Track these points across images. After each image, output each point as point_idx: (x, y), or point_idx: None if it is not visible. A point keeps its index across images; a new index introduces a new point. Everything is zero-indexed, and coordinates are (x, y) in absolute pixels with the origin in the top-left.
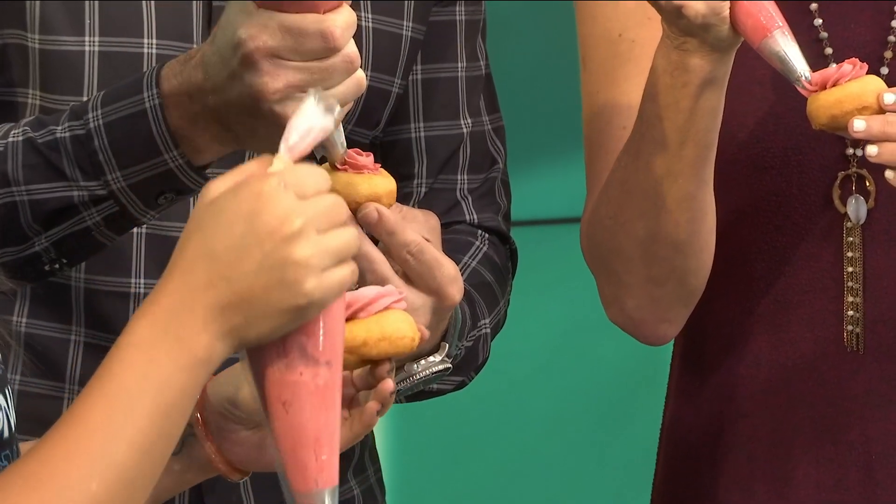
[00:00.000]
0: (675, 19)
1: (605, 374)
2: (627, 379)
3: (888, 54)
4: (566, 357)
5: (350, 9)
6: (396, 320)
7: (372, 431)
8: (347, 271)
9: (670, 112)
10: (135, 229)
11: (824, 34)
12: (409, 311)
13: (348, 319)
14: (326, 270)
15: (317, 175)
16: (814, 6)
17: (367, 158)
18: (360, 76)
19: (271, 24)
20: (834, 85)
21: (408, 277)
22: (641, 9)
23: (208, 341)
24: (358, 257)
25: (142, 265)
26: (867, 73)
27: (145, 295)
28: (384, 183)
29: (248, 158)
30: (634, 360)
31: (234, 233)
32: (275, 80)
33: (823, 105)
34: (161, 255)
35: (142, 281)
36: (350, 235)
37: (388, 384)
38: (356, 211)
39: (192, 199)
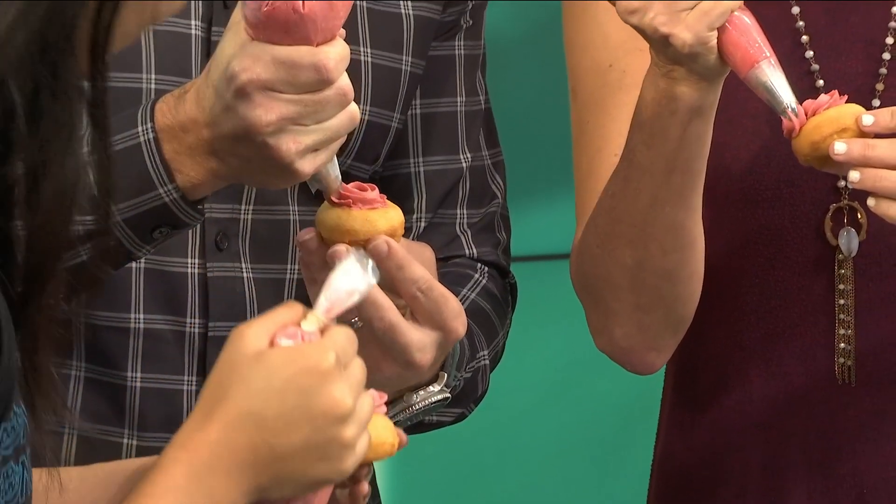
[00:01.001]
0: (662, 48)
1: (604, 410)
2: (626, 414)
3: (880, 86)
4: (565, 392)
5: (344, 42)
6: (378, 426)
7: (372, 465)
8: (367, 440)
9: (658, 140)
10: (133, 264)
11: (816, 66)
12: (415, 349)
13: None
14: (359, 443)
15: (352, 339)
16: (805, 38)
17: (374, 192)
18: (354, 109)
19: (265, 57)
20: (813, 115)
21: (412, 314)
22: (632, 40)
23: (236, 498)
24: (365, 305)
25: (141, 300)
26: (857, 105)
27: (144, 330)
28: (397, 216)
29: (247, 192)
30: (633, 395)
31: (286, 403)
32: (268, 112)
33: (803, 133)
34: (160, 289)
35: (141, 316)
36: (370, 399)
37: (364, 487)
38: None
39: (189, 235)
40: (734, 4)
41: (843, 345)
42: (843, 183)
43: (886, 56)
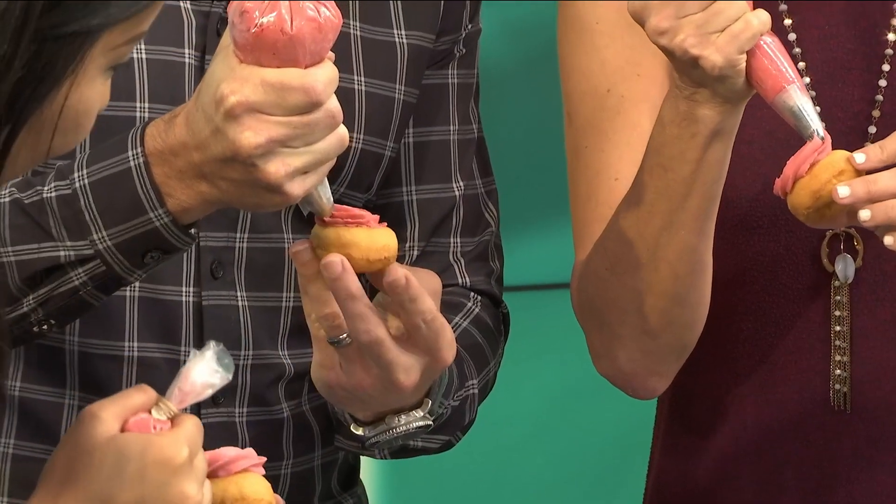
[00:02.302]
0: (689, 69)
1: (597, 440)
2: (619, 444)
3: (876, 113)
4: (558, 422)
5: (332, 64)
6: (255, 483)
7: (366, 495)
8: None
9: (676, 163)
10: (127, 293)
11: (813, 93)
12: (400, 368)
13: (208, 477)
14: None
15: (200, 428)
16: (802, 64)
17: (367, 214)
18: (343, 132)
19: (254, 80)
20: (809, 169)
21: (403, 335)
22: (630, 65)
23: None
24: (353, 317)
25: (135, 328)
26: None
27: (138, 359)
28: (392, 236)
29: (242, 221)
30: (627, 425)
31: (135, 492)
32: (257, 134)
33: (800, 186)
34: (154, 318)
35: (135, 344)
36: (210, 491)
37: None
38: (371, 265)
39: (184, 263)
40: (764, 28)
41: (838, 372)
42: None
43: (882, 83)
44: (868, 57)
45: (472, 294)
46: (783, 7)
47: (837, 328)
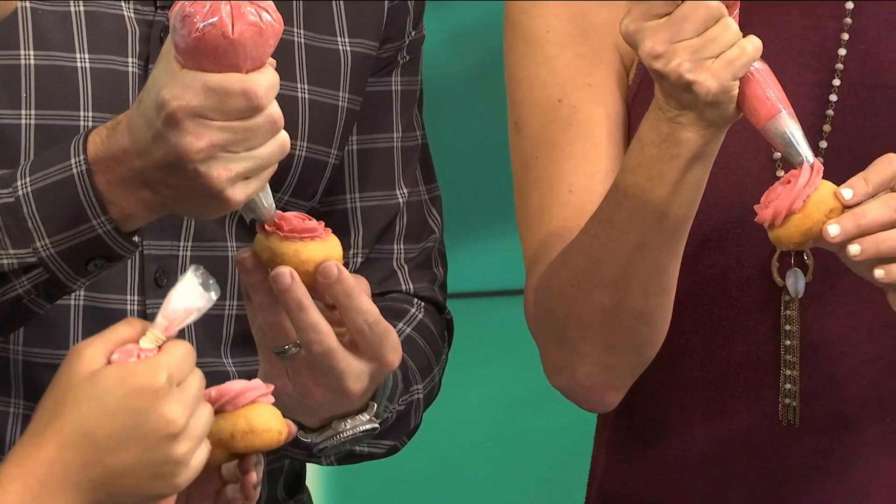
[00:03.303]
0: (679, 93)
1: (542, 448)
2: (563, 452)
3: (827, 128)
4: (503, 430)
5: (274, 70)
6: (264, 413)
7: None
8: (206, 451)
9: (654, 184)
10: (72, 301)
11: None
12: (351, 377)
13: (216, 413)
14: (194, 458)
15: (188, 353)
16: None
17: (312, 222)
18: (284, 137)
19: (195, 84)
20: (803, 203)
21: (349, 342)
22: (581, 75)
23: None
24: (305, 328)
25: (79, 337)
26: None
27: None
28: (335, 247)
29: (185, 229)
30: (571, 433)
31: (118, 422)
32: (198, 139)
33: (793, 224)
34: (98, 326)
35: None
36: (208, 413)
37: (252, 477)
38: (313, 277)
39: (128, 272)
40: (757, 54)
41: (788, 386)
42: None
43: (833, 98)
44: (818, 71)
45: (416, 300)
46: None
47: (787, 342)
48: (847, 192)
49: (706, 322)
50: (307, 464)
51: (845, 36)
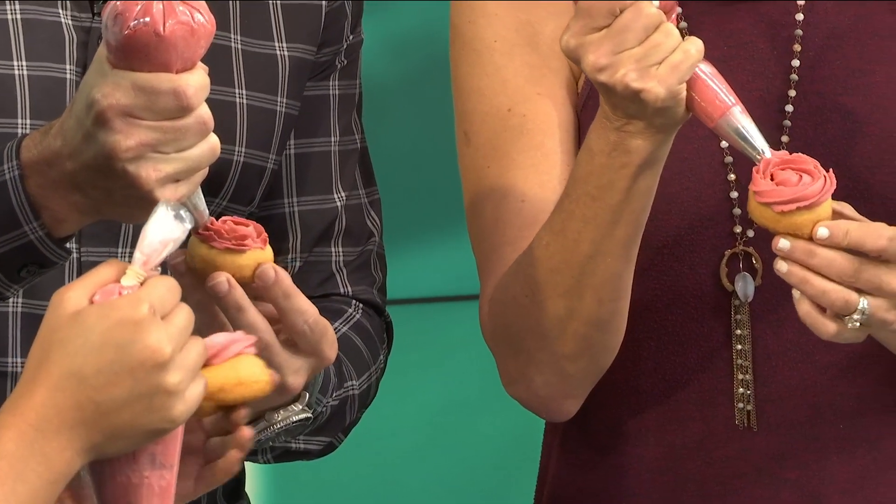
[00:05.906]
0: (626, 103)
1: (483, 452)
2: (505, 457)
3: (785, 138)
4: (444, 435)
5: (203, 71)
6: (250, 364)
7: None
8: (202, 385)
9: (605, 192)
10: (10, 308)
11: None
12: (290, 371)
13: (203, 367)
14: (188, 391)
15: (172, 287)
16: None
17: (248, 228)
18: (215, 140)
19: (124, 83)
20: (809, 205)
21: (287, 339)
22: (530, 84)
23: (71, 457)
24: (244, 328)
25: (18, 344)
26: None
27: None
28: (265, 257)
29: (123, 235)
30: (512, 438)
31: (104, 358)
32: (127, 138)
33: (790, 223)
34: (36, 333)
35: (18, 360)
36: (200, 346)
37: (244, 431)
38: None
39: (65, 275)
40: (700, 55)
41: (741, 390)
42: (739, 229)
43: (789, 108)
44: (768, 79)
45: (354, 302)
46: (683, 25)
47: (739, 347)
48: (823, 231)
49: (660, 328)
50: (247, 471)
51: (797, 47)
